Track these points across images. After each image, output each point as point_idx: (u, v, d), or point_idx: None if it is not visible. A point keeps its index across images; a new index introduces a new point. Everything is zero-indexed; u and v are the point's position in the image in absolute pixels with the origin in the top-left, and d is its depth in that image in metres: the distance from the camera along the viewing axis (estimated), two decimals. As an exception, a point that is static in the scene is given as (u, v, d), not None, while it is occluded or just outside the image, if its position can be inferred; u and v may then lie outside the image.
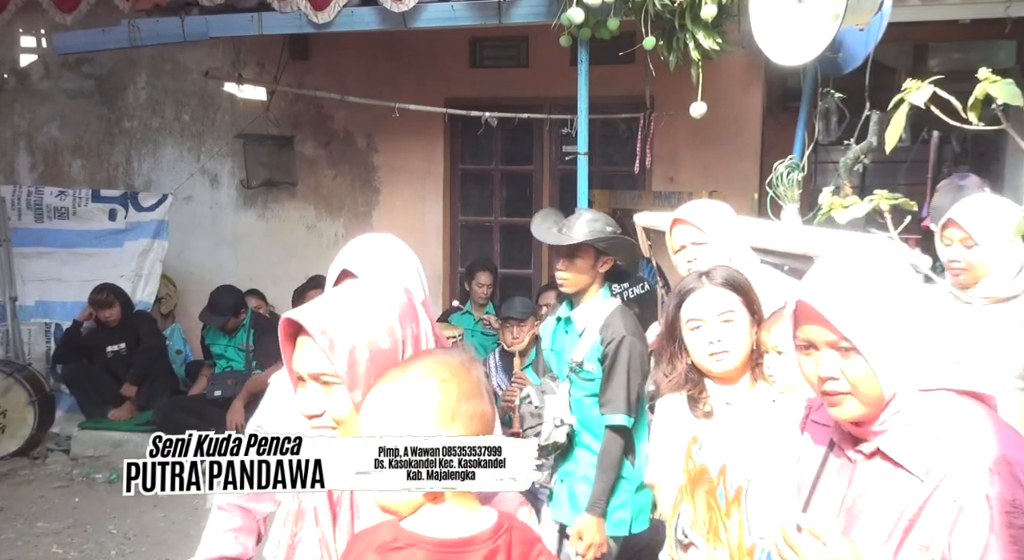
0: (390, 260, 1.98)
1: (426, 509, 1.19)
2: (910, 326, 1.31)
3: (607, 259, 2.99)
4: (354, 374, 1.24)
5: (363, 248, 2.02)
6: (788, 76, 5.81)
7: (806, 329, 1.36)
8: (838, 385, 1.33)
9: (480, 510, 1.22)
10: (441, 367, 1.19)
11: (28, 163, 7.38)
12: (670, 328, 2.17)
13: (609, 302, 3.04)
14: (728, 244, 2.63)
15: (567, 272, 2.97)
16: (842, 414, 1.35)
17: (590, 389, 2.96)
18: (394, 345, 1.28)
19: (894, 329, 1.30)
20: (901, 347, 1.30)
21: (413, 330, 1.31)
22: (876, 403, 1.32)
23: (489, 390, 1.22)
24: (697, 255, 2.64)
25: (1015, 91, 1.45)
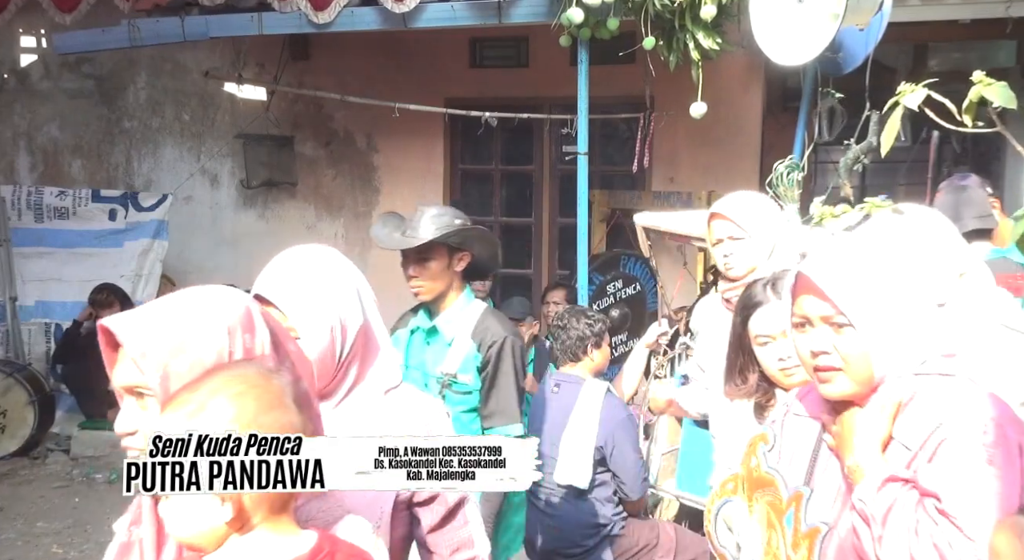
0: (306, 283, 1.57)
1: (233, 541, 1.08)
2: (907, 307, 1.32)
3: (462, 255, 2.74)
4: (167, 388, 1.12)
5: (277, 271, 1.62)
6: (788, 76, 5.81)
7: (802, 303, 1.37)
8: (830, 360, 1.34)
9: (297, 534, 1.12)
10: (235, 381, 1.09)
11: (28, 163, 7.39)
12: (738, 340, 2.12)
13: (475, 304, 2.78)
14: (767, 240, 2.52)
15: (421, 278, 2.69)
16: (831, 391, 1.36)
17: (468, 403, 2.70)
18: (219, 358, 1.15)
19: (890, 308, 1.31)
20: (896, 327, 1.31)
21: (246, 342, 1.18)
22: (866, 382, 1.33)
23: (300, 398, 1.12)
24: (733, 250, 2.55)
25: (1010, 94, 1.45)
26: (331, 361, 1.49)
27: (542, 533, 3.26)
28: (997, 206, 3.52)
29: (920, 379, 1.33)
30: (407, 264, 2.71)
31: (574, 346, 3.36)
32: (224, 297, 1.22)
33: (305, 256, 1.64)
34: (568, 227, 5.84)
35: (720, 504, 1.78)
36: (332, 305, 1.53)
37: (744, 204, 2.60)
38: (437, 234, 2.67)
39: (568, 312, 3.51)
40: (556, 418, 3.25)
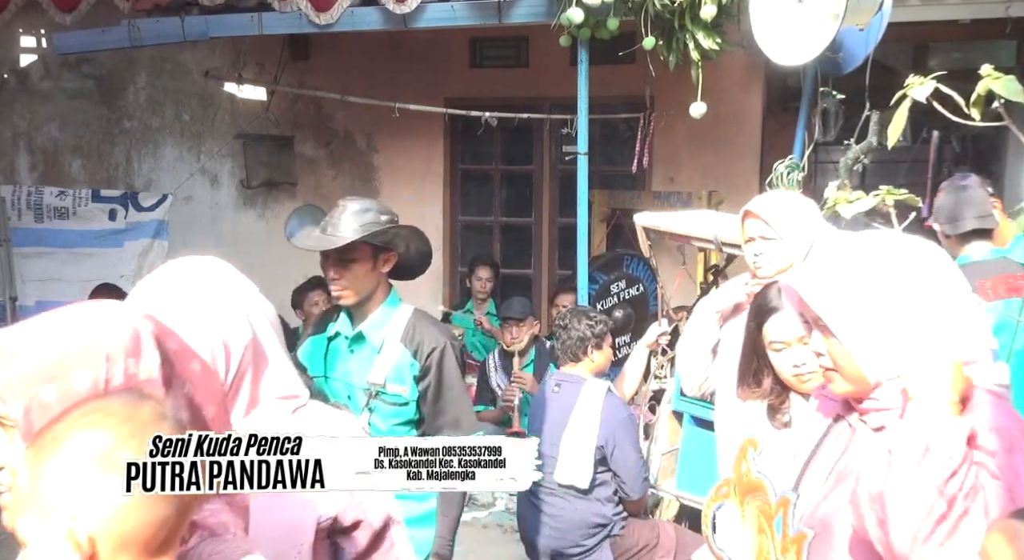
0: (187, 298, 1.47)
1: None
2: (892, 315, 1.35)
3: (388, 256, 2.52)
4: (29, 421, 1.02)
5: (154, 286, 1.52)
6: (788, 76, 5.80)
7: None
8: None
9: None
10: (95, 416, 0.98)
11: (28, 163, 7.38)
12: (752, 344, 2.12)
13: (403, 307, 2.60)
14: (801, 242, 2.42)
15: (343, 280, 2.48)
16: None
17: (403, 416, 2.51)
18: (95, 387, 1.05)
19: (870, 314, 1.35)
20: (880, 333, 1.35)
21: (128, 367, 1.08)
22: (860, 382, 1.39)
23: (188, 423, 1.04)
24: (764, 249, 2.47)
25: (1017, 87, 1.46)
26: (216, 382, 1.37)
27: (542, 533, 3.26)
28: (998, 206, 3.52)
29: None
30: (327, 266, 2.50)
31: (574, 346, 3.36)
32: (107, 318, 1.11)
33: (186, 271, 1.57)
34: (568, 227, 5.83)
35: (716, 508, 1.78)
36: (213, 323, 1.42)
37: (779, 204, 2.54)
38: (361, 233, 2.42)
39: (570, 312, 3.52)
40: (556, 418, 3.25)
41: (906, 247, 1.43)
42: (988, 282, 3.20)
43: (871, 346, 1.35)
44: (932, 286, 1.38)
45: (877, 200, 2.26)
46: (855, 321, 1.36)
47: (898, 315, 1.35)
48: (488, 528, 4.76)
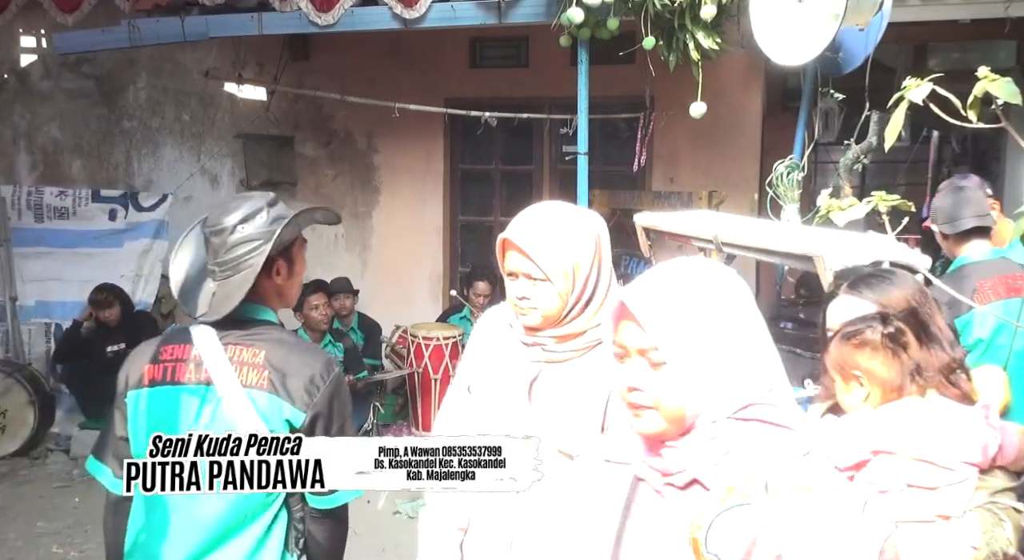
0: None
1: None
2: (726, 348, 1.26)
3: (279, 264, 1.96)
4: None
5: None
6: (788, 76, 5.81)
7: (622, 332, 1.30)
8: (642, 397, 1.27)
9: None
10: None
11: (28, 163, 7.39)
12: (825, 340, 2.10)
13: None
14: (577, 285, 1.83)
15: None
16: (642, 427, 1.29)
17: None
18: None
19: (708, 346, 1.25)
20: (712, 366, 1.25)
21: None
22: (678, 421, 1.27)
23: None
24: (530, 293, 1.83)
25: (1014, 90, 1.45)
26: None
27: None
28: (997, 207, 3.52)
29: (742, 426, 1.27)
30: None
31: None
32: None
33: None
34: (568, 227, 5.82)
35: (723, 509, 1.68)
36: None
37: (550, 237, 1.82)
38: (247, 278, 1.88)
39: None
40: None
41: (722, 276, 1.33)
42: (988, 282, 3.20)
43: (705, 381, 1.24)
44: (746, 317, 1.30)
45: (870, 207, 2.26)
46: (694, 352, 1.24)
47: (731, 350, 1.26)
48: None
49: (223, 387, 1.79)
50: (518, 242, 1.84)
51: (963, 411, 1.83)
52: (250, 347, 1.85)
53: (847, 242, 2.91)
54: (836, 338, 1.90)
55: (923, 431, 1.79)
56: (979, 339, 3.17)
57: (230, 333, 1.88)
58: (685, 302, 1.25)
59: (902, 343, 1.84)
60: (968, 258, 3.29)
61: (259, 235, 1.89)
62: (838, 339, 1.88)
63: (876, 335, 1.83)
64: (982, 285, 3.20)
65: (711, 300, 1.27)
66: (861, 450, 1.82)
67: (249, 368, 1.82)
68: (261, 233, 1.89)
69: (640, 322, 1.25)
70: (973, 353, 3.21)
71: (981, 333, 3.17)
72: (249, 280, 1.86)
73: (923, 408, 1.83)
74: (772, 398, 1.29)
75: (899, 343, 1.84)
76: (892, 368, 1.83)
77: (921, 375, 1.85)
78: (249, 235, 1.89)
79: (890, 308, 1.94)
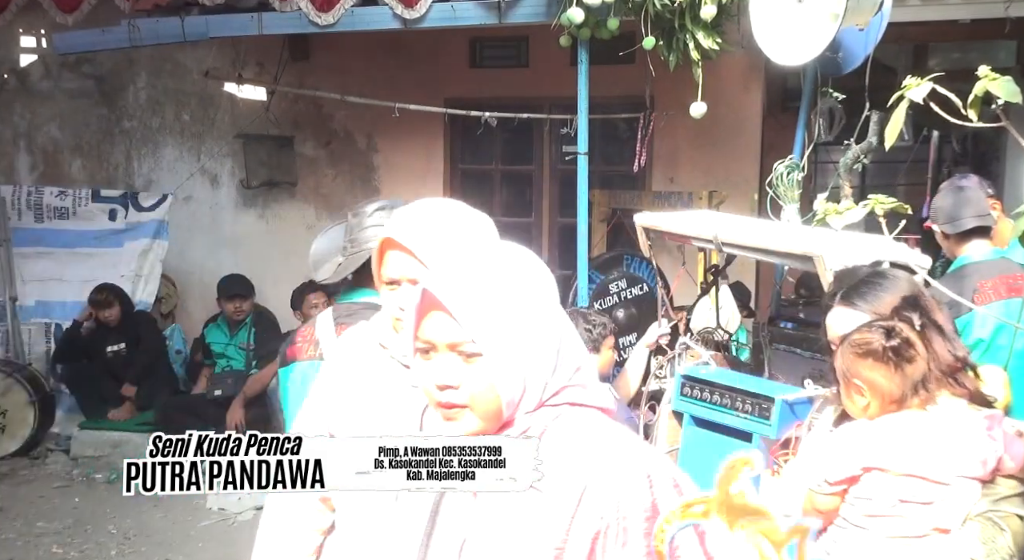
0: None
1: None
2: (538, 333, 1.19)
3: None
4: None
5: None
6: (788, 76, 5.81)
7: (428, 326, 1.18)
8: (456, 396, 1.16)
9: None
10: None
11: (28, 163, 7.38)
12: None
13: None
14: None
15: None
16: (458, 429, 1.18)
17: None
18: None
19: (523, 333, 1.17)
20: (528, 354, 1.17)
21: None
22: (495, 417, 1.17)
23: None
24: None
25: (1015, 89, 1.45)
26: None
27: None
28: (998, 207, 3.52)
29: (553, 412, 1.21)
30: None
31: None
32: None
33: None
34: (568, 227, 5.83)
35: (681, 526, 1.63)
36: None
37: (438, 232, 1.59)
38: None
39: (570, 314, 3.50)
40: None
41: (524, 257, 1.25)
42: (988, 283, 3.20)
43: (520, 369, 1.16)
44: (549, 298, 1.24)
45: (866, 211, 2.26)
46: (510, 342, 1.15)
47: (536, 332, 1.18)
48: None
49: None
50: (403, 240, 1.55)
51: (965, 423, 1.80)
52: (351, 326, 1.97)
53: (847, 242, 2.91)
54: (843, 345, 1.89)
55: (918, 446, 1.77)
56: (979, 339, 3.17)
57: (341, 315, 2.17)
58: (497, 288, 1.17)
59: (907, 356, 1.81)
60: (968, 258, 3.28)
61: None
62: (844, 346, 1.88)
63: (879, 346, 1.80)
64: (982, 285, 3.20)
65: (519, 284, 1.19)
66: (852, 465, 1.80)
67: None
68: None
69: (452, 313, 1.14)
70: (973, 353, 3.22)
71: (981, 333, 3.17)
72: (363, 258, 2.13)
73: (921, 422, 1.81)
74: (581, 377, 1.24)
75: (903, 356, 1.80)
76: (893, 380, 1.81)
77: (925, 388, 1.82)
78: (381, 221, 2.13)
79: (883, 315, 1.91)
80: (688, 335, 3.48)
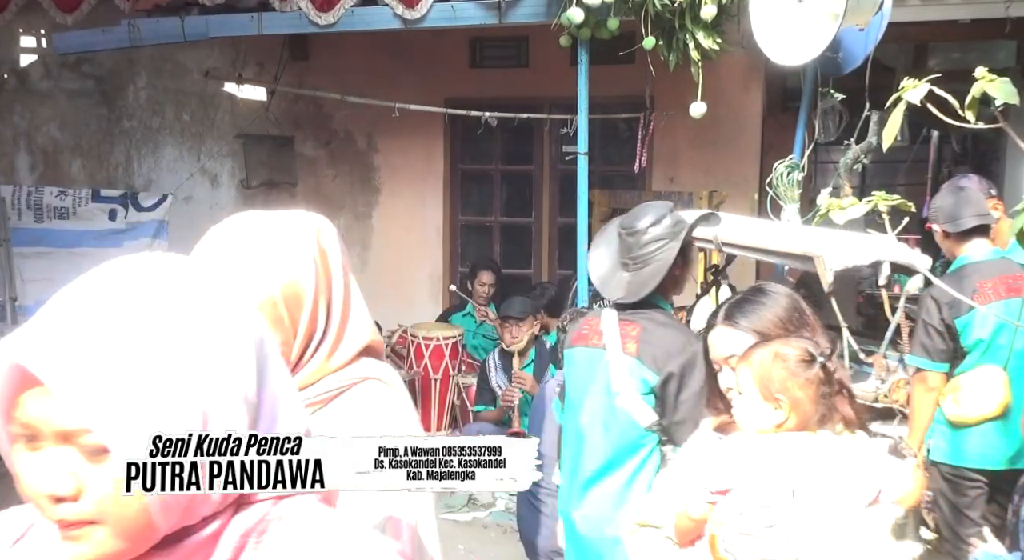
0: None
1: None
2: (208, 402, 0.88)
3: (679, 258, 2.49)
4: None
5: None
6: (788, 76, 5.81)
7: (27, 405, 0.80)
8: (76, 509, 0.80)
9: None
10: None
11: (28, 163, 7.39)
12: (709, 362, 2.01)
13: None
14: None
15: None
16: (80, 554, 0.81)
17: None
18: None
19: (176, 408, 0.84)
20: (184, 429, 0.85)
21: None
22: (143, 535, 0.83)
23: None
24: None
25: (1012, 90, 1.45)
26: None
27: (542, 533, 3.26)
28: (999, 208, 3.53)
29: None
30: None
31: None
32: None
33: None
34: (568, 227, 5.84)
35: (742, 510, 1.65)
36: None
37: (247, 258, 1.40)
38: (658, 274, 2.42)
39: (571, 314, 3.51)
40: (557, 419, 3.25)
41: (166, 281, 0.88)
42: (988, 283, 3.20)
43: None
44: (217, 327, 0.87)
45: (869, 206, 2.26)
46: (148, 422, 0.81)
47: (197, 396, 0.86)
48: (488, 528, 4.76)
49: (610, 352, 2.45)
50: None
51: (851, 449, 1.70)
52: (633, 324, 2.46)
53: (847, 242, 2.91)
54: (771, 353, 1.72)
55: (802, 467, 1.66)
56: (979, 339, 3.18)
57: (626, 313, 2.49)
58: (128, 349, 0.80)
59: (830, 377, 1.71)
60: (969, 258, 3.29)
61: (666, 235, 2.43)
62: (777, 359, 1.71)
63: (816, 367, 1.69)
64: (982, 285, 3.20)
65: (164, 329, 0.83)
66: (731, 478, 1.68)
67: (629, 339, 2.43)
68: (667, 233, 2.43)
69: (58, 392, 0.77)
70: (973, 353, 3.22)
71: (981, 333, 3.18)
72: (662, 271, 2.40)
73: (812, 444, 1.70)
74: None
75: (829, 381, 1.71)
76: (815, 404, 1.70)
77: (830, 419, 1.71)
78: (658, 235, 2.43)
79: (766, 334, 1.80)
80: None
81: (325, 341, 1.38)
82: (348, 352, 1.36)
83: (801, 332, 1.81)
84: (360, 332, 1.42)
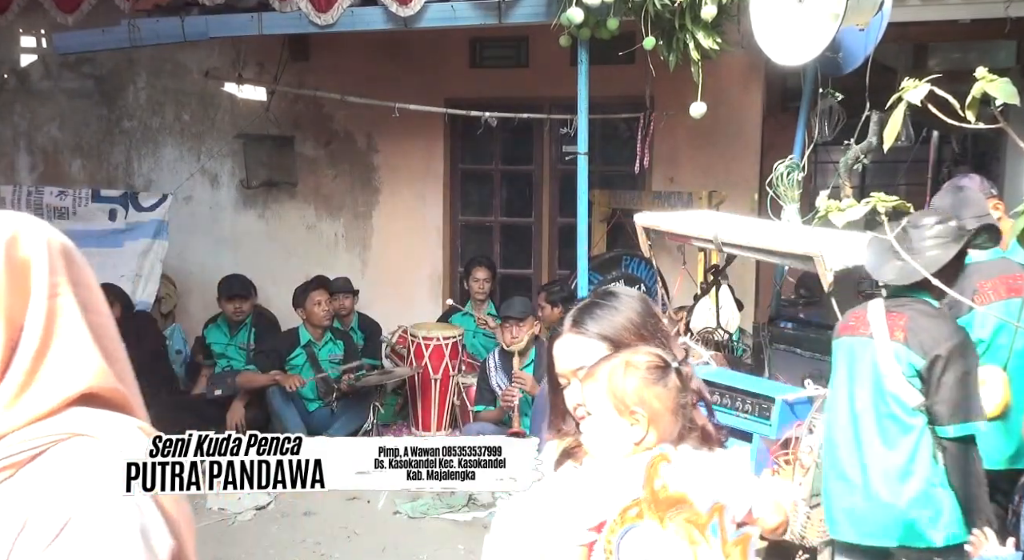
0: None
1: None
2: None
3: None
4: None
5: None
6: (788, 76, 5.81)
7: None
8: None
9: None
10: None
11: (28, 163, 7.38)
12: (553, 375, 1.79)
13: None
14: None
15: None
16: None
17: None
18: None
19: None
20: None
21: None
22: None
23: None
24: None
25: (1012, 90, 1.45)
26: None
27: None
28: (1000, 208, 3.52)
29: None
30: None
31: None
32: None
33: None
34: (568, 227, 5.84)
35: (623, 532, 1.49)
36: None
37: None
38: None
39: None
40: None
41: None
42: (989, 283, 3.20)
43: None
44: None
45: (868, 207, 2.26)
46: None
47: None
48: (488, 528, 4.76)
49: (878, 339, 2.69)
50: None
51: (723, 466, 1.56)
52: (900, 313, 2.70)
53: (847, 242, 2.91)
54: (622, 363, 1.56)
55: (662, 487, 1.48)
56: (979, 339, 3.18)
57: (892, 303, 2.72)
58: None
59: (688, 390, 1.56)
60: (968, 258, 3.29)
61: (947, 234, 2.65)
62: (629, 369, 1.55)
63: (672, 374, 1.55)
64: (983, 286, 3.20)
65: None
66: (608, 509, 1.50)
67: (896, 328, 2.67)
68: (949, 233, 2.66)
69: None
70: (973, 353, 3.22)
71: (981, 333, 3.18)
72: (936, 264, 2.57)
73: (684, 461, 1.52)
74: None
75: (686, 390, 1.56)
76: (674, 415, 1.55)
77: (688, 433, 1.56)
78: (940, 232, 2.66)
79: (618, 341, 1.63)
80: (688, 335, 3.48)
81: (4, 380, 1.03)
82: (45, 399, 1.03)
83: (655, 339, 1.64)
84: (70, 374, 1.06)
